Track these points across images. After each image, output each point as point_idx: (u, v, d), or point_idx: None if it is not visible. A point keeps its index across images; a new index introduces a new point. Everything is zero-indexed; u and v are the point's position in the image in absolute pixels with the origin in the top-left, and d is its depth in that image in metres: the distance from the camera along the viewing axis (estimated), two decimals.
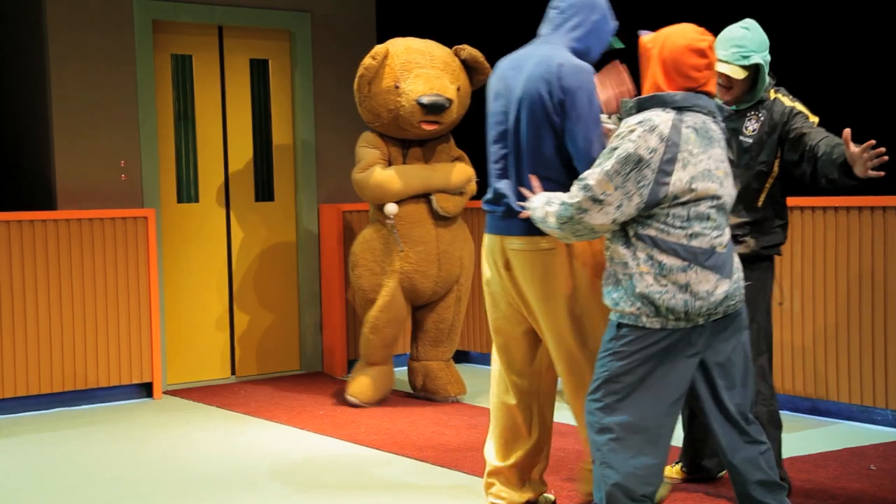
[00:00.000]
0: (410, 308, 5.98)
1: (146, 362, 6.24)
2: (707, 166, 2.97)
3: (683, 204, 2.93)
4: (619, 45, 3.64)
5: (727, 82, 3.70)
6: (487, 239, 3.59)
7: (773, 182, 3.75)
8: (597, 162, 3.01)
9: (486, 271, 3.62)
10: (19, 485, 4.52)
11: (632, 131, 2.93)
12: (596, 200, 2.94)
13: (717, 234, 2.98)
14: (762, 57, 3.65)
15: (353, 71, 6.03)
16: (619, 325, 3.00)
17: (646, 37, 3.13)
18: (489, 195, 3.58)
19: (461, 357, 7.10)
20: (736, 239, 3.68)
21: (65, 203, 6.18)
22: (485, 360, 7.10)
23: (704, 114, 3.02)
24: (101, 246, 6.09)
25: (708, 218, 2.96)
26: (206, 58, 6.81)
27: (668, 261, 2.91)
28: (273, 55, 6.98)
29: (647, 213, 2.94)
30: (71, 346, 6.00)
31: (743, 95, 3.75)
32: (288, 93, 6.99)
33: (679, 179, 2.92)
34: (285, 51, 6.99)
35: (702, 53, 3.02)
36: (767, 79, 3.74)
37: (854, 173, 3.40)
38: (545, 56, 3.43)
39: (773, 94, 3.77)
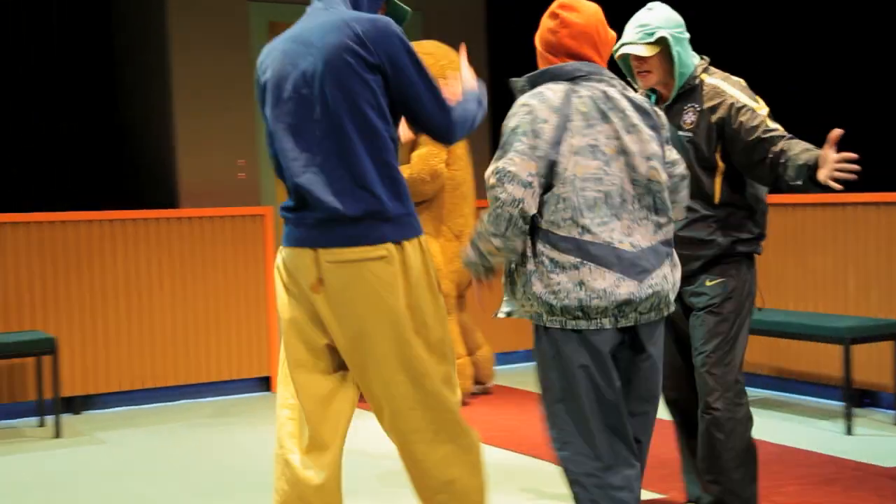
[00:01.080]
0: None
1: (264, 357, 6.36)
2: (593, 141, 2.69)
3: (569, 185, 2.66)
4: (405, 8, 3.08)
5: (641, 65, 3.43)
6: (290, 254, 2.86)
7: (724, 176, 3.42)
8: (500, 149, 2.70)
9: (283, 295, 2.90)
10: (142, 474, 4.66)
11: (524, 105, 2.73)
12: (527, 185, 2.64)
13: (613, 229, 2.68)
14: (669, 32, 3.39)
15: None
16: (536, 326, 2.77)
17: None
18: (290, 199, 2.86)
19: None
20: (702, 241, 3.43)
21: (186, 201, 6.34)
22: None
23: (603, 82, 2.76)
24: (221, 243, 6.23)
25: (596, 206, 2.67)
26: None
27: (560, 257, 2.66)
28: None
29: (539, 198, 2.69)
30: (194, 340, 6.15)
31: (667, 78, 3.45)
32: None
33: (567, 150, 2.67)
34: None
35: (553, 15, 2.83)
36: (691, 60, 3.44)
37: (818, 178, 3.12)
38: (334, 22, 2.80)
39: (703, 77, 3.45)
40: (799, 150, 3.22)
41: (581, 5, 2.83)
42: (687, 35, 3.45)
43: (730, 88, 3.41)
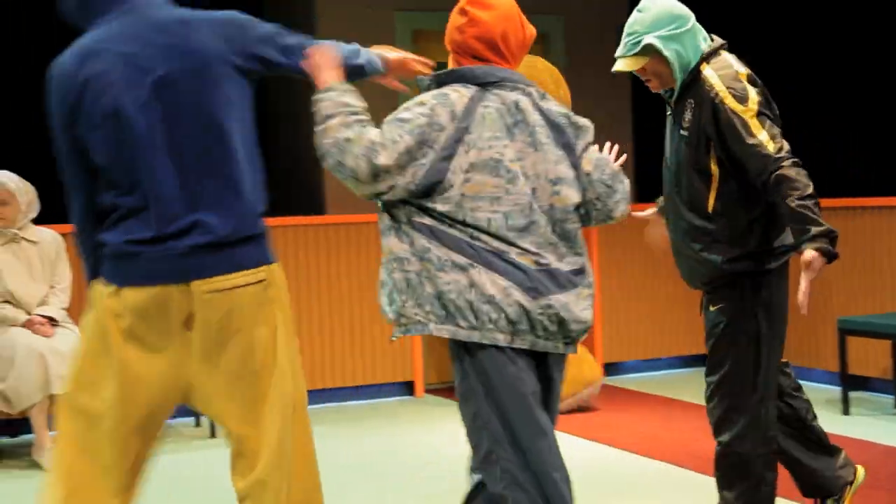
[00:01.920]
0: None
1: (408, 361, 6.45)
2: (496, 155, 2.45)
3: (454, 204, 2.43)
4: None
5: (640, 73, 3.19)
6: (143, 297, 2.38)
7: (719, 183, 3.09)
8: (384, 128, 2.49)
9: (121, 345, 2.40)
10: None
11: (423, 103, 2.49)
12: (377, 177, 2.44)
13: (511, 243, 2.45)
14: (656, 35, 3.08)
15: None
16: (452, 344, 2.51)
17: None
18: (141, 228, 2.40)
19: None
20: (695, 257, 3.16)
21: (333, 208, 6.49)
22: None
23: (516, 90, 2.53)
24: (366, 248, 6.35)
25: (488, 231, 2.43)
26: None
27: (449, 255, 2.42)
28: None
29: (418, 203, 2.47)
30: (340, 344, 6.28)
31: (672, 78, 3.16)
32: None
33: (458, 166, 2.44)
34: (537, 55, 7.03)
35: (462, 12, 2.58)
36: (693, 51, 3.11)
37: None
38: (190, 22, 2.48)
39: (703, 68, 3.10)
40: (786, 214, 2.95)
41: (494, 2, 2.58)
42: (686, 26, 3.10)
43: (718, 83, 3.05)
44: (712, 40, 3.19)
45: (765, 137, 2.98)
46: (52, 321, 5.10)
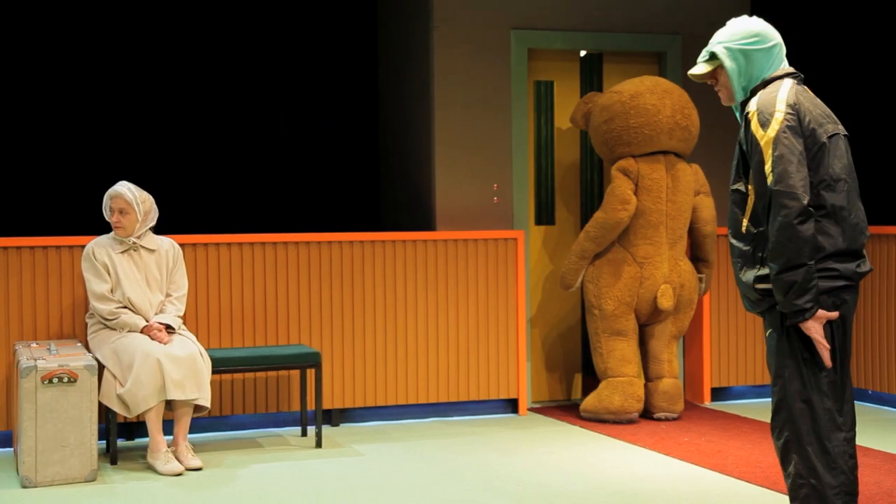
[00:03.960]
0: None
1: (513, 379, 6.43)
2: None
3: None
4: None
5: (713, 83, 3.27)
6: None
7: (753, 204, 3.08)
8: None
9: None
10: (400, 489, 4.81)
11: None
12: None
13: None
14: (725, 45, 3.18)
15: None
16: None
17: None
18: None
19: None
20: (739, 279, 3.13)
21: (442, 224, 6.53)
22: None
23: None
24: (475, 265, 6.36)
25: None
26: (568, 84, 6.92)
27: None
28: None
29: None
30: (445, 359, 6.31)
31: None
32: None
33: None
34: (653, 73, 6.95)
35: None
36: (760, 72, 3.15)
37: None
38: None
39: (759, 90, 3.16)
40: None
41: None
42: (762, 45, 3.16)
43: (754, 104, 3.10)
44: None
45: (768, 168, 3.01)
46: (169, 328, 5.24)
